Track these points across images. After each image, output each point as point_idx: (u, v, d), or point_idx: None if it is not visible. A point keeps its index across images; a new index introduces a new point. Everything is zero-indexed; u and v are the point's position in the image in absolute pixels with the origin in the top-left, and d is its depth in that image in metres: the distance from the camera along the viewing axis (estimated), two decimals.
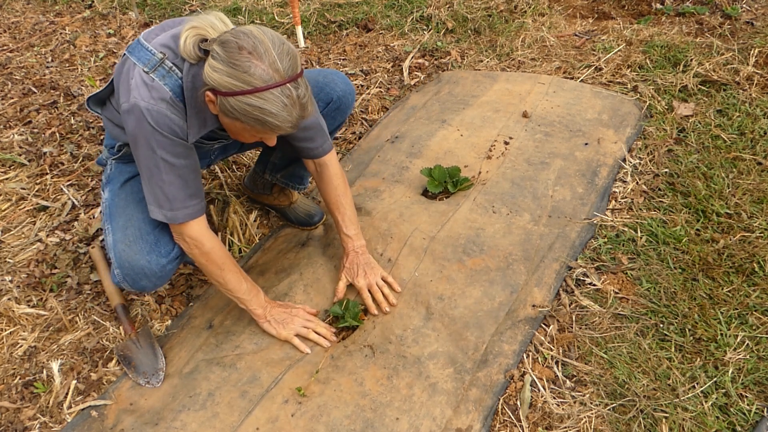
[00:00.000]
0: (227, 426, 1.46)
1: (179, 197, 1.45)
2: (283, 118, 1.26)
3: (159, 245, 1.55)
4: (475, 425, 1.45)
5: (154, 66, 1.35)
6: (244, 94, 1.22)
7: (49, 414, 1.58)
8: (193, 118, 1.40)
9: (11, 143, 2.61)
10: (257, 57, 1.21)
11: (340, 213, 1.73)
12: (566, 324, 1.67)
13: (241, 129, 1.34)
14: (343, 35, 3.38)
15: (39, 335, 1.79)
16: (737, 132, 2.26)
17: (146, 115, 1.34)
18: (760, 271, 1.73)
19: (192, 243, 1.51)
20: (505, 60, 2.97)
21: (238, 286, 1.58)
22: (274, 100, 1.23)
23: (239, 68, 1.21)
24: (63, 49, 3.47)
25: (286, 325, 1.65)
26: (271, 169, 2.02)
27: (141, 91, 1.34)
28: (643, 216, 1.97)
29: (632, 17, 3.27)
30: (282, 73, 1.23)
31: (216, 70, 1.23)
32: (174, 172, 1.43)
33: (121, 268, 1.54)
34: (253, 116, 1.25)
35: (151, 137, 1.37)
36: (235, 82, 1.22)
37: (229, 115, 1.29)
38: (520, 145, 2.26)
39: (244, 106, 1.24)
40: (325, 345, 1.63)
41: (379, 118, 2.64)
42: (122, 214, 1.58)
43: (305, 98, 1.28)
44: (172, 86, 1.36)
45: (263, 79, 1.21)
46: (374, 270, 1.73)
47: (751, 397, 1.45)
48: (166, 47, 1.37)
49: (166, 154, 1.39)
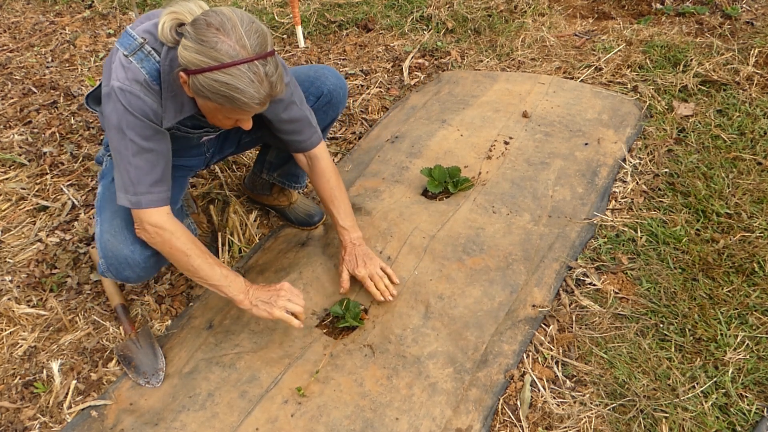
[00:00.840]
0: (227, 426, 1.46)
1: (144, 182, 1.43)
2: (250, 95, 1.26)
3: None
4: (475, 425, 1.45)
5: (134, 50, 1.36)
6: (212, 70, 1.23)
7: (49, 414, 1.58)
8: (169, 102, 1.40)
9: (11, 143, 2.61)
10: (224, 33, 1.22)
11: (335, 206, 1.74)
12: (566, 324, 1.67)
13: (214, 109, 1.35)
14: (343, 35, 3.38)
15: (39, 335, 1.79)
16: (737, 132, 2.26)
17: (119, 96, 1.35)
18: (760, 271, 1.73)
19: (153, 231, 1.46)
20: (505, 60, 2.97)
21: (210, 272, 1.50)
22: (241, 75, 1.23)
23: (207, 44, 1.22)
24: (63, 49, 3.47)
25: (273, 304, 1.54)
26: (267, 168, 2.02)
27: (118, 73, 1.35)
28: (643, 216, 1.97)
29: (632, 17, 3.27)
30: (249, 50, 1.23)
31: (186, 48, 1.24)
32: (141, 155, 1.41)
33: (105, 258, 1.54)
34: (221, 93, 1.25)
35: (122, 117, 1.37)
36: (203, 58, 1.22)
37: (200, 95, 1.29)
38: (520, 145, 2.26)
39: (212, 83, 1.24)
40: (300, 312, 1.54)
41: (379, 118, 2.64)
42: (110, 206, 1.58)
43: (274, 76, 1.28)
44: (149, 69, 1.37)
45: (230, 55, 1.22)
46: (373, 260, 1.74)
47: (751, 397, 1.45)
48: (147, 32, 1.38)
49: (135, 135, 1.39)
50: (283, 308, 1.53)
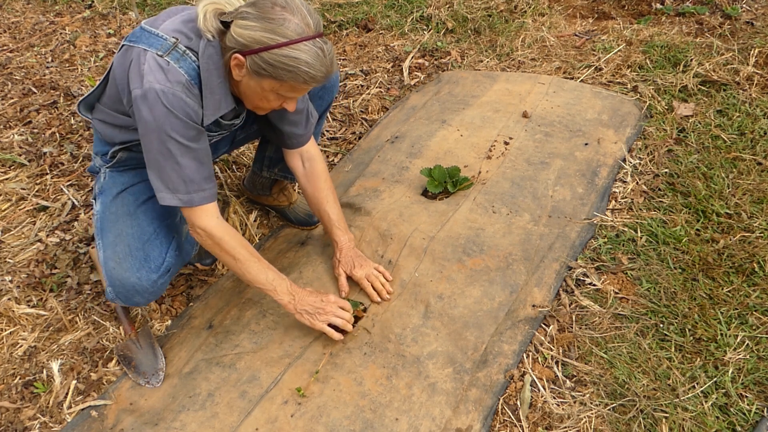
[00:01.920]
0: (227, 426, 1.46)
1: (196, 179, 1.43)
2: (317, 68, 1.31)
3: (148, 261, 1.54)
4: (475, 425, 1.45)
5: (168, 49, 1.35)
6: (280, 47, 1.27)
7: (49, 414, 1.58)
8: (208, 100, 1.41)
9: (11, 143, 2.61)
10: (290, 11, 1.27)
11: (330, 207, 1.76)
12: (566, 324, 1.67)
13: (269, 90, 1.36)
14: (343, 35, 3.38)
15: (39, 335, 1.79)
16: (737, 132, 2.26)
17: (161, 98, 1.33)
18: (760, 271, 1.73)
19: (204, 234, 1.49)
20: (505, 60, 2.97)
21: (257, 275, 1.53)
22: (308, 50, 1.28)
23: (274, 22, 1.26)
24: (63, 49, 3.47)
25: (318, 315, 1.56)
26: (267, 165, 2.02)
27: (156, 75, 1.34)
28: (643, 216, 1.97)
29: (632, 17, 3.27)
30: (312, 28, 1.29)
31: (248, 28, 1.27)
32: (189, 154, 1.41)
33: (112, 286, 1.55)
34: (289, 68, 1.29)
35: (165, 120, 1.35)
36: (271, 35, 1.26)
37: (261, 73, 1.32)
38: (520, 145, 2.26)
39: (279, 58, 1.28)
40: (349, 329, 1.59)
41: (379, 118, 2.64)
42: (112, 229, 1.57)
43: (332, 53, 1.34)
44: (187, 69, 1.36)
45: (297, 32, 1.27)
46: (367, 261, 1.77)
47: (751, 397, 1.45)
48: (177, 32, 1.38)
49: (180, 137, 1.38)
50: (326, 321, 1.56)
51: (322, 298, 1.58)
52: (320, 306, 1.56)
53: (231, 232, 1.52)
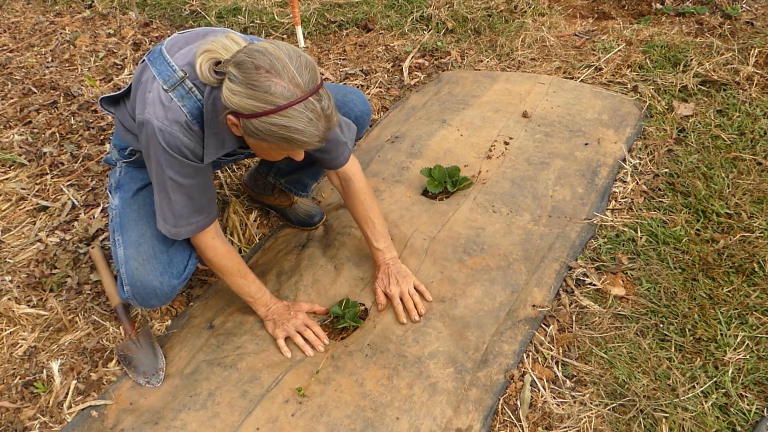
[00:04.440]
0: (228, 426, 1.46)
1: (184, 215, 1.46)
2: (310, 134, 1.22)
3: (172, 266, 1.55)
4: (475, 425, 1.45)
5: (174, 84, 1.33)
6: (267, 114, 1.18)
7: (49, 414, 1.58)
8: (210, 140, 1.38)
9: (11, 143, 2.61)
10: (276, 74, 1.17)
11: (369, 227, 1.71)
12: (566, 324, 1.67)
13: (268, 149, 1.31)
14: (343, 35, 3.38)
15: (39, 335, 1.79)
16: (737, 132, 2.26)
17: (158, 135, 1.33)
18: (760, 271, 1.73)
19: (199, 250, 1.58)
20: (505, 60, 2.97)
21: (242, 289, 1.63)
22: (299, 116, 1.19)
23: (259, 89, 1.17)
24: (63, 49, 3.47)
25: (280, 325, 1.64)
26: (275, 173, 2.01)
27: (156, 109, 1.33)
28: (643, 216, 1.97)
29: (632, 17, 3.27)
30: (303, 87, 1.19)
31: (235, 93, 1.19)
32: (180, 190, 1.43)
33: (132, 287, 1.54)
34: (279, 135, 1.21)
35: (161, 156, 1.36)
36: (257, 103, 1.18)
37: (254, 137, 1.25)
38: (520, 145, 2.26)
39: (268, 127, 1.20)
40: (308, 353, 1.61)
41: (379, 118, 2.64)
42: (135, 228, 1.57)
43: (329, 109, 1.24)
44: (191, 108, 1.34)
45: (285, 97, 1.17)
46: (406, 278, 1.70)
47: (751, 397, 1.45)
48: (188, 65, 1.34)
49: (174, 173, 1.39)
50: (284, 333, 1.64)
51: (291, 311, 1.67)
52: (286, 318, 1.65)
53: (222, 251, 1.56)
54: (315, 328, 1.66)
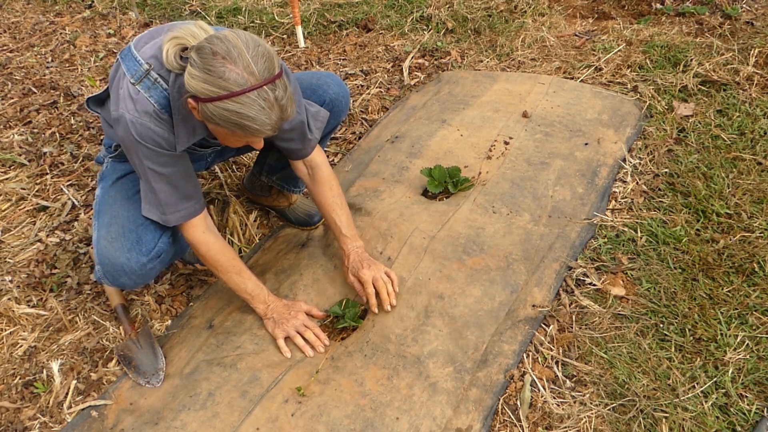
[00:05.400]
0: (227, 426, 1.46)
1: (170, 202, 1.49)
2: (261, 122, 1.25)
3: (140, 243, 1.55)
4: (475, 425, 1.45)
5: (140, 77, 1.36)
6: (221, 99, 1.21)
7: (49, 414, 1.58)
8: (180, 128, 1.41)
9: (11, 143, 2.61)
10: (231, 61, 1.20)
11: (337, 214, 1.73)
12: (566, 324, 1.67)
13: (225, 134, 1.34)
14: (343, 35, 3.38)
15: (39, 335, 1.79)
16: (737, 132, 2.26)
17: (131, 128, 1.36)
18: (760, 271, 1.73)
19: (191, 245, 1.58)
20: (505, 60, 2.97)
21: (238, 286, 1.63)
22: (251, 103, 1.22)
23: (214, 74, 1.20)
24: (63, 49, 3.47)
25: (280, 324, 1.65)
26: (267, 171, 2.02)
27: (127, 104, 1.36)
28: (643, 216, 1.97)
29: (632, 17, 3.27)
30: (257, 76, 1.21)
31: (193, 77, 1.22)
32: (162, 180, 1.46)
33: (101, 265, 1.55)
34: (232, 121, 1.24)
35: (137, 148, 1.40)
36: (212, 87, 1.21)
37: (210, 121, 1.29)
38: (520, 145, 2.26)
39: (222, 112, 1.23)
40: (308, 353, 1.61)
41: (379, 118, 2.64)
42: (108, 212, 1.59)
43: (284, 99, 1.26)
44: (158, 98, 1.37)
45: (238, 83, 1.20)
46: (377, 265, 1.70)
47: (751, 397, 1.45)
48: (153, 57, 1.37)
49: (151, 164, 1.42)
50: (283, 333, 1.64)
51: (291, 310, 1.67)
52: (286, 316, 1.65)
53: (215, 246, 1.57)
54: (315, 329, 1.66)
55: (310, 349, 1.62)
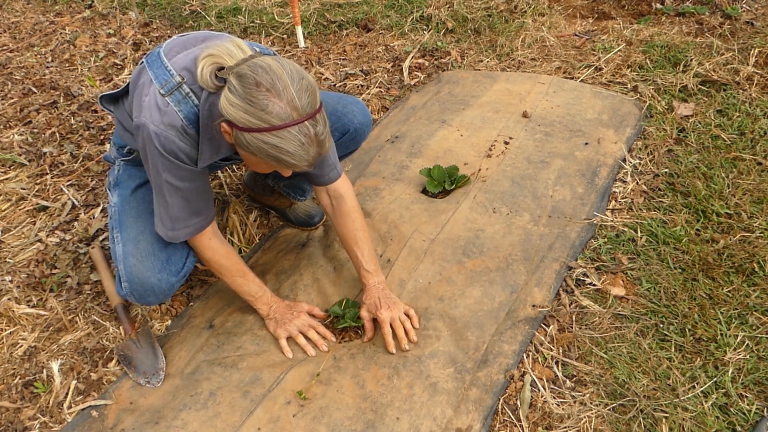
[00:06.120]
0: (229, 426, 1.46)
1: (181, 217, 1.47)
2: (299, 157, 1.22)
3: (170, 263, 1.55)
4: (475, 425, 1.45)
5: (171, 89, 1.33)
6: (261, 131, 1.18)
7: (49, 414, 1.58)
8: (205, 145, 1.38)
9: (11, 143, 2.61)
10: (275, 94, 1.17)
11: (359, 248, 1.64)
12: (566, 324, 1.67)
13: (257, 162, 1.31)
14: (343, 35, 3.38)
15: (39, 335, 1.79)
16: (737, 132, 2.26)
17: (154, 139, 1.33)
18: (760, 271, 1.73)
19: (197, 251, 1.59)
20: (505, 60, 2.97)
21: (242, 288, 1.63)
22: (292, 138, 1.19)
23: (256, 105, 1.17)
24: (63, 49, 3.47)
25: (282, 325, 1.64)
26: (274, 177, 2.00)
27: (153, 114, 1.33)
28: (643, 216, 1.97)
29: (632, 17, 3.27)
30: (300, 111, 1.18)
31: (233, 105, 1.19)
32: (177, 194, 1.43)
33: (130, 283, 1.54)
34: (269, 153, 1.21)
35: (157, 159, 1.37)
36: (252, 119, 1.18)
37: (244, 149, 1.25)
38: (520, 145, 2.26)
39: (259, 144, 1.20)
40: (310, 353, 1.60)
41: (379, 118, 2.64)
42: (133, 225, 1.57)
43: (323, 135, 1.23)
44: (187, 113, 1.34)
45: (281, 118, 1.17)
46: (396, 304, 1.62)
47: (751, 397, 1.45)
48: (186, 70, 1.34)
49: (170, 177, 1.40)
50: (286, 333, 1.64)
51: (293, 311, 1.67)
52: (288, 317, 1.65)
53: (221, 251, 1.57)
54: (319, 328, 1.65)
55: (312, 348, 1.62)
